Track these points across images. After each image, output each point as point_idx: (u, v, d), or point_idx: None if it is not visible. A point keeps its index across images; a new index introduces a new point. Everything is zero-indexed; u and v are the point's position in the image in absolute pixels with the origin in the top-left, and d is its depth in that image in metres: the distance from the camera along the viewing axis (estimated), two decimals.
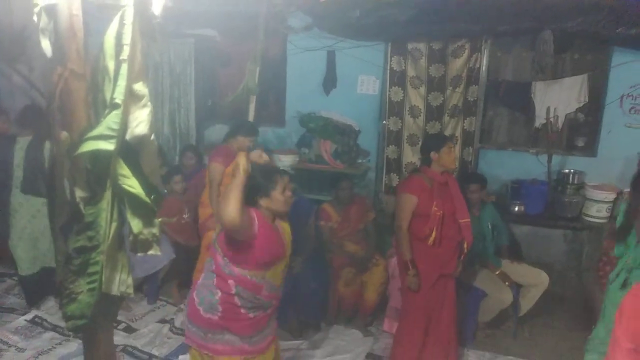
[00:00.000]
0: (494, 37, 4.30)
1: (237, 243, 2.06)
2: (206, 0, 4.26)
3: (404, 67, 4.55)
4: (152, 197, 1.28)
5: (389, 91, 4.63)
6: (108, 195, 1.26)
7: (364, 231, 4.05)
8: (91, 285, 1.28)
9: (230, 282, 2.09)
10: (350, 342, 3.65)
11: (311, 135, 4.83)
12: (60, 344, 3.52)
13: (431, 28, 4.20)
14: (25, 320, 3.77)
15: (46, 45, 1.24)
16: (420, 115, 4.61)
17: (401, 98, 4.63)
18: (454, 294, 3.16)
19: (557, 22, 3.89)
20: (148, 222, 1.31)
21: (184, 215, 4.14)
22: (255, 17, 4.41)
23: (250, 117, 4.70)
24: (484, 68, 4.39)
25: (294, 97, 5.05)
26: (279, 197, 2.15)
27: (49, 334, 3.62)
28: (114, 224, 1.27)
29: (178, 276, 4.18)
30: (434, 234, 2.93)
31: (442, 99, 4.52)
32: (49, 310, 3.93)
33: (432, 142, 3.07)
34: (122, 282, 1.32)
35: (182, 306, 4.00)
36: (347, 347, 3.57)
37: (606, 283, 2.53)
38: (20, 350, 3.43)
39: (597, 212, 4.12)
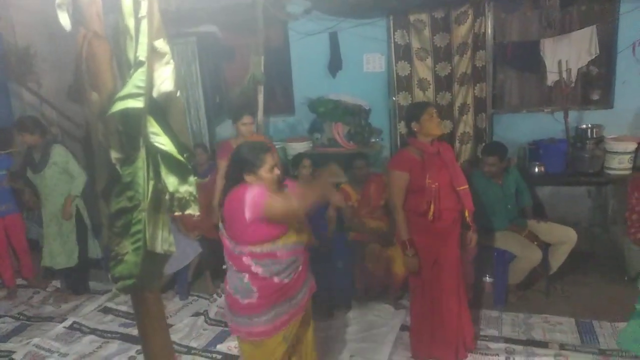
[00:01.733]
0: None
1: (242, 225, 2.02)
2: None
3: (408, 40, 4.52)
4: (185, 155, 1.30)
5: (396, 66, 4.60)
6: (142, 153, 1.27)
7: (384, 207, 4.04)
8: (136, 245, 1.30)
9: (245, 259, 2.07)
10: (384, 316, 3.65)
11: (322, 120, 4.82)
12: (100, 346, 3.57)
13: None
14: (64, 327, 3.83)
15: (64, 18, 1.26)
16: (429, 88, 4.58)
17: (408, 72, 4.60)
18: (458, 265, 2.94)
19: None
20: (183, 180, 1.32)
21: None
22: (253, 7, 4.42)
23: (260, 108, 4.72)
24: (489, 32, 4.35)
25: (300, 83, 5.05)
26: (266, 176, 2.08)
27: (89, 338, 3.68)
28: (151, 182, 1.28)
29: (209, 267, 4.25)
30: (432, 207, 2.74)
31: (450, 68, 4.48)
32: (86, 316, 4.00)
33: (411, 113, 2.87)
34: (164, 240, 1.34)
35: (215, 295, 4.05)
36: (381, 322, 3.58)
37: None
38: (63, 355, 3.49)
39: (619, 164, 4.06)
